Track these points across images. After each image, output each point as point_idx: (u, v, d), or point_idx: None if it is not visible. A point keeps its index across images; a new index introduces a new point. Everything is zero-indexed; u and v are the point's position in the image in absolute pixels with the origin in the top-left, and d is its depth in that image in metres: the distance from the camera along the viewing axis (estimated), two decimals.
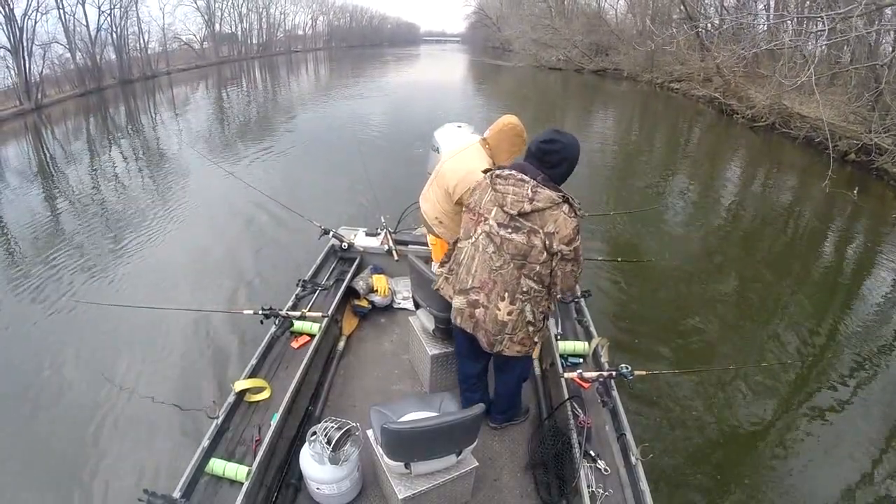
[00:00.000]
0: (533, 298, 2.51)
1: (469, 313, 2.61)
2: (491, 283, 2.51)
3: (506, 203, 2.40)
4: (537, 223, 2.36)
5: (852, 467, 4.06)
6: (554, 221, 2.34)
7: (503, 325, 2.54)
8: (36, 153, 15.17)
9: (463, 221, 2.69)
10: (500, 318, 2.53)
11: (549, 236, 2.36)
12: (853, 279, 7.49)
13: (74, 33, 26.11)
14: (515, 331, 2.56)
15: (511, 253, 2.43)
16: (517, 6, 48.56)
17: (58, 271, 6.82)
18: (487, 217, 2.49)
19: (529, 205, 2.34)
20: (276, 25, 54.89)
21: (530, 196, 2.35)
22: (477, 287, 2.56)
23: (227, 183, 8.16)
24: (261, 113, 21.43)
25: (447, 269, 2.75)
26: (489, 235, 2.48)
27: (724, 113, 18.84)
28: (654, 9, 30.40)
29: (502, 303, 2.50)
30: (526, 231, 2.38)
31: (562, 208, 2.35)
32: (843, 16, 9.49)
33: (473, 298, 2.58)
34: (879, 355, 5.54)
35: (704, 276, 7.20)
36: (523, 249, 2.40)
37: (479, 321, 2.59)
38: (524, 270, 2.44)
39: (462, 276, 2.63)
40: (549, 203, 2.33)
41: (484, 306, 2.55)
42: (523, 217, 2.38)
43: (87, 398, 4.52)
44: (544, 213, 2.34)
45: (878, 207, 10.10)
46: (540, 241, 2.37)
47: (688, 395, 4.68)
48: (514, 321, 2.53)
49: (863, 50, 13.36)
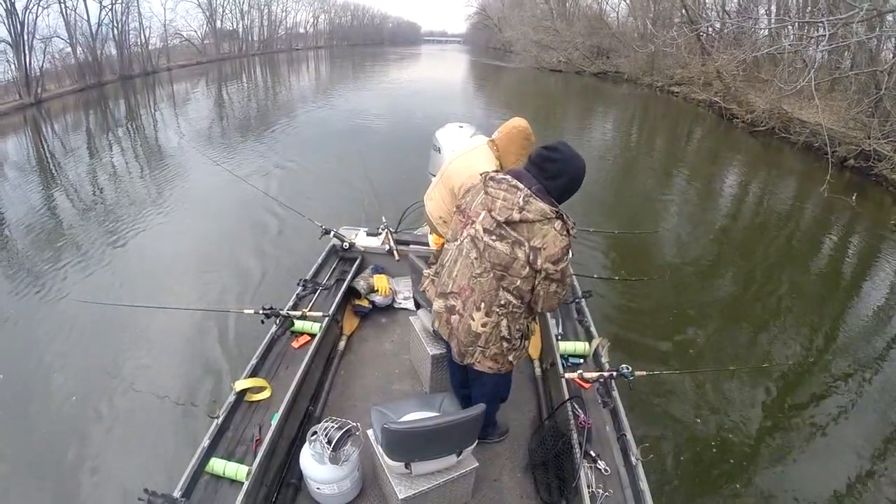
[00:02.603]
0: (511, 313, 2.37)
1: (446, 318, 2.52)
2: (469, 290, 2.39)
3: (494, 208, 2.25)
4: (524, 235, 2.20)
5: (853, 467, 4.09)
6: (542, 236, 2.18)
7: (476, 336, 2.42)
8: (35, 148, 15.16)
9: (452, 222, 2.58)
10: (473, 329, 2.40)
11: (535, 251, 2.20)
12: (852, 284, 7.51)
13: (75, 28, 26.14)
14: (488, 344, 2.43)
15: (492, 262, 2.28)
16: (519, 7, 48.54)
17: (57, 269, 6.82)
18: (475, 220, 2.35)
19: (518, 214, 2.18)
20: (278, 23, 54.96)
21: (521, 205, 2.18)
22: (455, 292, 2.45)
23: (228, 182, 8.18)
24: (261, 111, 21.41)
25: (433, 271, 2.68)
26: (473, 240, 2.34)
27: (724, 117, 18.85)
28: (655, 12, 30.42)
29: (477, 313, 2.37)
30: (511, 241, 2.22)
31: (553, 224, 2.18)
32: (844, 21, 9.53)
33: (451, 304, 2.48)
34: (877, 359, 5.56)
35: (705, 277, 7.23)
36: (505, 260, 2.25)
37: (453, 328, 2.49)
38: (504, 283, 2.30)
39: (444, 278, 2.52)
40: (539, 216, 2.17)
41: (459, 313, 2.44)
42: (510, 226, 2.21)
43: (87, 397, 4.52)
44: (533, 225, 2.18)
45: (877, 213, 10.12)
46: (524, 254, 2.21)
47: (688, 395, 4.70)
48: (487, 334, 2.40)
49: (863, 56, 13.42)
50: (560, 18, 40.49)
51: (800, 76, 11.68)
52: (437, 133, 4.66)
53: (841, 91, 15.25)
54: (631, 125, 20.77)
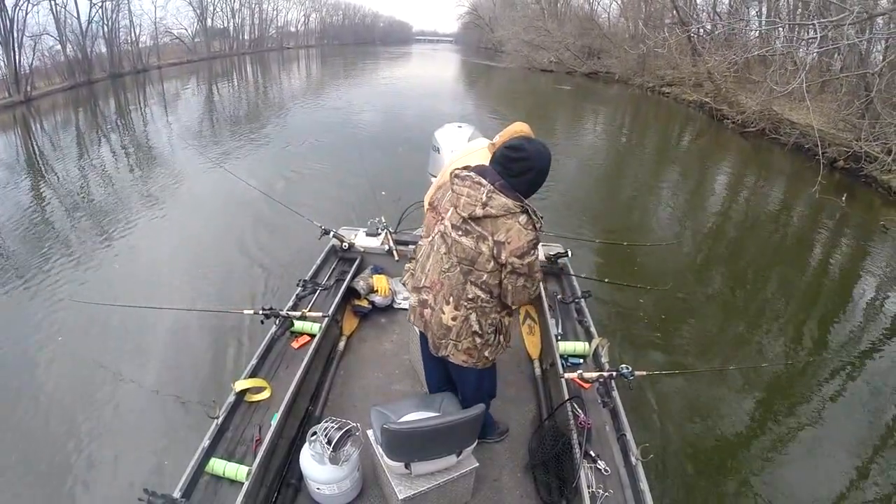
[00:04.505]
0: (479, 308, 2.41)
1: (420, 312, 2.57)
2: (439, 284, 2.44)
3: (459, 204, 2.29)
4: (488, 229, 2.24)
5: (853, 466, 4.12)
6: (506, 231, 2.21)
7: (448, 329, 2.46)
8: (24, 146, 15.01)
9: (426, 219, 2.62)
10: (444, 322, 2.45)
11: (499, 245, 2.23)
12: (845, 284, 7.56)
13: (65, 25, 25.85)
14: (460, 338, 2.47)
15: (459, 256, 2.33)
16: (510, 7, 48.67)
17: (53, 270, 6.75)
18: (444, 217, 2.40)
19: (482, 209, 2.21)
20: (269, 21, 54.71)
21: (484, 201, 2.21)
22: (427, 287, 2.50)
23: (228, 182, 8.10)
24: (254, 110, 21.30)
25: (413, 266, 2.70)
26: (443, 236, 2.40)
27: (715, 118, 18.96)
28: (646, 13, 30.54)
29: (447, 306, 2.42)
30: (475, 236, 2.27)
31: (517, 218, 2.22)
32: (835, 24, 9.60)
33: (423, 298, 2.53)
34: (877, 357, 5.66)
35: (705, 277, 7.29)
36: (471, 254, 2.29)
37: (427, 321, 2.54)
38: (471, 277, 2.34)
39: (418, 273, 2.58)
40: (503, 211, 2.21)
41: (431, 307, 2.50)
42: (474, 221, 2.26)
43: (87, 398, 4.50)
44: (497, 220, 2.22)
45: (867, 214, 10.23)
46: (488, 248, 2.25)
47: (688, 395, 4.72)
48: (458, 327, 2.44)
49: (853, 58, 13.51)
50: (551, 18, 40.53)
51: (791, 78, 11.74)
52: (436, 133, 4.66)
53: (831, 93, 15.37)
54: (622, 126, 20.87)
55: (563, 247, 4.58)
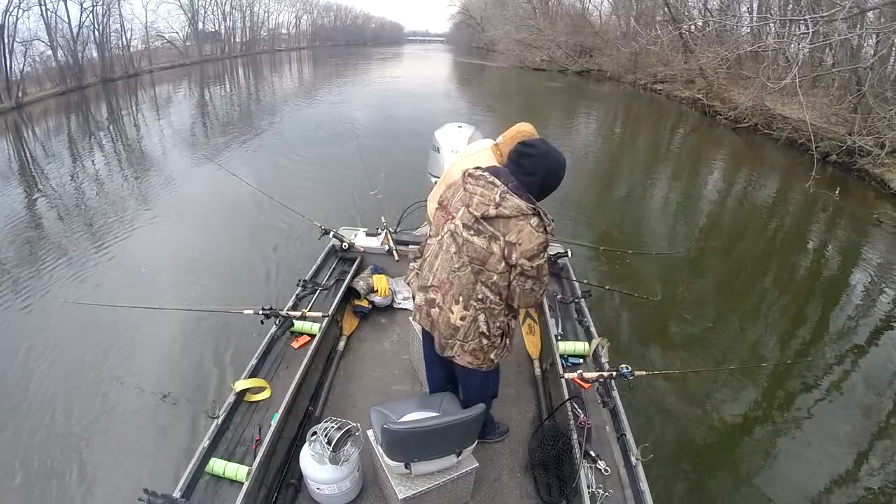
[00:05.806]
0: (488, 309, 2.40)
1: (426, 311, 2.55)
2: (448, 283, 2.42)
3: (472, 203, 2.29)
4: (500, 230, 2.24)
5: (853, 466, 4.13)
6: (518, 232, 2.22)
7: (455, 329, 2.45)
8: (16, 152, 14.89)
9: (435, 218, 2.60)
10: (452, 322, 2.44)
11: (510, 246, 2.23)
12: (841, 280, 7.59)
13: (56, 30, 25.66)
14: (467, 338, 2.45)
15: (470, 256, 2.32)
16: (501, 7, 48.68)
17: (50, 273, 6.72)
18: (455, 216, 2.39)
19: (495, 209, 2.22)
20: (260, 24, 54.52)
21: (497, 201, 2.22)
22: (435, 286, 2.48)
23: (227, 183, 8.05)
24: (247, 112, 21.21)
25: (418, 265, 2.69)
26: (453, 235, 2.38)
27: (707, 114, 19.05)
28: (637, 10, 30.61)
29: (456, 306, 2.41)
30: (487, 236, 2.27)
31: (529, 220, 2.22)
32: (827, 19, 9.64)
33: (431, 297, 2.51)
34: (867, 352, 5.69)
35: (703, 277, 7.30)
36: (482, 254, 2.29)
37: (434, 320, 2.53)
38: (481, 277, 2.33)
39: (425, 272, 2.56)
40: (515, 212, 2.21)
41: (439, 306, 2.48)
42: (487, 221, 2.26)
43: (87, 398, 4.49)
44: (509, 221, 2.22)
45: (860, 207, 10.28)
46: (499, 248, 2.25)
47: (688, 395, 4.72)
48: (466, 327, 2.43)
49: (845, 53, 13.55)
50: (543, 17, 40.58)
51: (783, 73, 11.78)
52: (436, 133, 4.68)
53: (823, 88, 15.43)
54: (614, 123, 20.91)
55: (562, 247, 4.59)
